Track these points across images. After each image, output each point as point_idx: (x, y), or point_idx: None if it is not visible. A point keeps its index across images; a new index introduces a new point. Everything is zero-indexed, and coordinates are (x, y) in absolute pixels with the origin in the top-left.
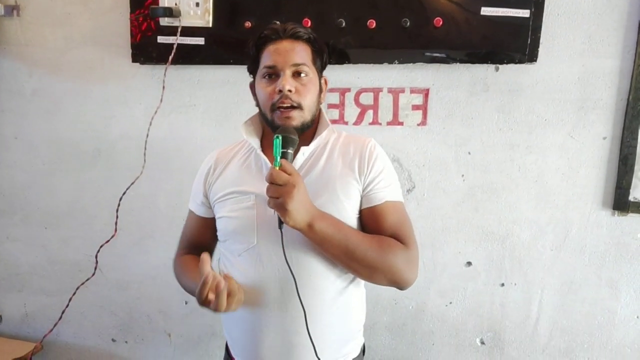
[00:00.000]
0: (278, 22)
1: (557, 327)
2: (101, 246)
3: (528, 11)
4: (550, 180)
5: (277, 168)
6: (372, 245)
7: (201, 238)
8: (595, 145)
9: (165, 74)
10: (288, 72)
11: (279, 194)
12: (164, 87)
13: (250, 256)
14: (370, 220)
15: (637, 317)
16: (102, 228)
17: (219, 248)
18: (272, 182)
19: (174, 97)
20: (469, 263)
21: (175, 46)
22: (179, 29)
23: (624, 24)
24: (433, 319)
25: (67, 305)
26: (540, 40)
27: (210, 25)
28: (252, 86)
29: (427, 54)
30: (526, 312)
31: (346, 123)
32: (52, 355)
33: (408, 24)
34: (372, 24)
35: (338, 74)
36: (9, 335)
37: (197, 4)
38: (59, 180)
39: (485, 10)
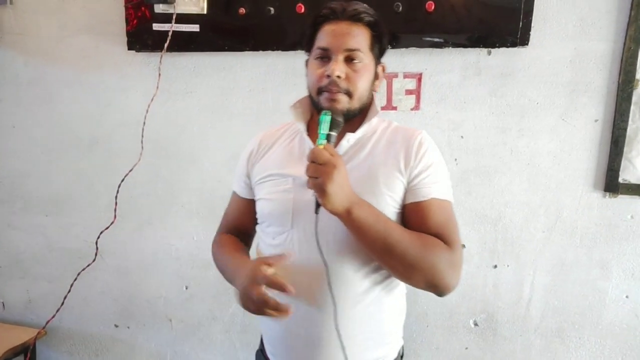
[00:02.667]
0: (337, 1)
1: (548, 307)
2: (101, 232)
3: None
4: (542, 163)
5: (321, 147)
6: (413, 242)
7: (243, 220)
8: (587, 128)
9: (160, 62)
10: (340, 57)
11: (318, 173)
12: (159, 75)
13: (284, 241)
14: (414, 217)
15: (627, 296)
16: (102, 215)
17: (258, 231)
18: (313, 161)
19: (170, 84)
20: (462, 246)
21: (170, 33)
22: (174, 16)
23: (615, 6)
24: (427, 301)
25: (69, 291)
26: (532, 24)
27: (205, 12)
28: (306, 64)
29: (420, 38)
30: (518, 294)
31: None
32: (56, 340)
33: (400, 8)
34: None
35: None
36: (13, 321)
37: None
38: (57, 168)
39: None
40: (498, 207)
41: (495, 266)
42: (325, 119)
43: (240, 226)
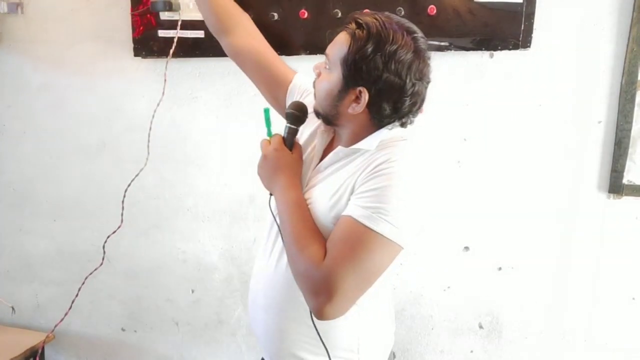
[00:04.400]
0: (366, 10)
1: (554, 310)
2: (108, 237)
3: None
4: (547, 164)
5: (267, 138)
6: (296, 240)
7: (261, 49)
8: (590, 129)
9: (166, 67)
10: (324, 58)
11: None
12: (165, 80)
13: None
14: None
15: (633, 298)
16: (109, 219)
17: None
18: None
19: (176, 89)
20: (467, 248)
21: (175, 39)
22: (179, 23)
23: (617, 8)
24: (432, 304)
25: (77, 295)
26: (534, 26)
27: None
28: None
29: None
30: (524, 296)
31: None
32: (64, 344)
33: (403, 12)
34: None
35: None
36: (22, 325)
37: None
38: (65, 172)
39: None
40: (502, 209)
41: (500, 268)
42: (265, 114)
43: (253, 40)
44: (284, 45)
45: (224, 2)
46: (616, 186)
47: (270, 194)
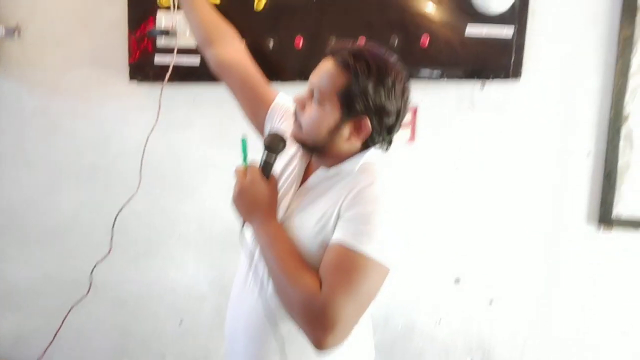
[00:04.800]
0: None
1: (546, 344)
2: (96, 264)
3: (512, 30)
4: (537, 195)
5: (241, 167)
6: (285, 270)
7: (247, 64)
8: (580, 161)
9: (161, 93)
10: (308, 88)
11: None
12: (159, 106)
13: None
14: (322, 259)
15: (624, 333)
16: (98, 245)
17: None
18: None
19: (171, 115)
20: (457, 280)
21: (171, 66)
22: (176, 49)
23: (603, 43)
24: (422, 338)
25: (61, 326)
26: (524, 58)
27: None
28: None
29: (416, 72)
30: (515, 329)
31: None
32: None
33: (396, 43)
34: (361, 42)
35: None
36: (4, 357)
37: None
38: (56, 197)
39: (470, 29)
40: (494, 240)
41: (491, 301)
42: (243, 143)
43: (239, 54)
44: (279, 72)
45: (211, 14)
46: (606, 219)
47: (243, 223)
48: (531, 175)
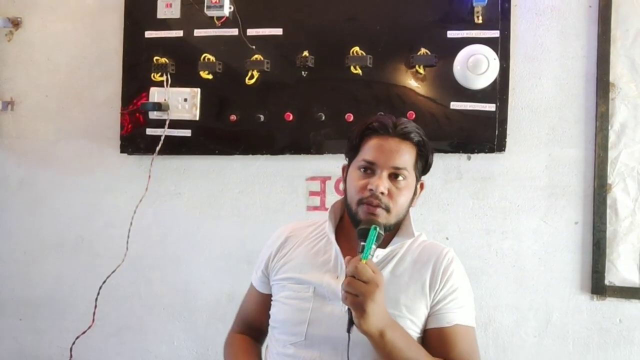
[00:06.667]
0: (384, 114)
1: None
2: (77, 338)
3: (494, 105)
4: (528, 265)
5: (364, 262)
6: None
7: (258, 316)
8: (568, 230)
9: (151, 164)
10: (385, 173)
11: (359, 290)
12: (149, 177)
13: (295, 352)
14: (437, 343)
15: None
16: (80, 318)
17: (269, 333)
18: (353, 276)
19: (160, 186)
20: None
21: (162, 138)
22: (167, 122)
23: (582, 117)
24: None
25: None
26: (507, 132)
27: (197, 118)
28: (345, 170)
29: None
30: None
31: (327, 210)
32: None
33: None
34: (349, 117)
35: (318, 164)
36: None
37: (185, 100)
38: (38, 269)
39: (455, 105)
40: (487, 310)
41: None
42: (374, 234)
43: (255, 322)
44: (269, 145)
45: None
46: (599, 287)
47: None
48: (521, 244)
